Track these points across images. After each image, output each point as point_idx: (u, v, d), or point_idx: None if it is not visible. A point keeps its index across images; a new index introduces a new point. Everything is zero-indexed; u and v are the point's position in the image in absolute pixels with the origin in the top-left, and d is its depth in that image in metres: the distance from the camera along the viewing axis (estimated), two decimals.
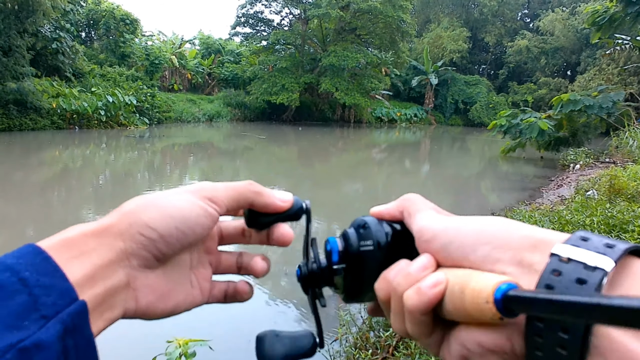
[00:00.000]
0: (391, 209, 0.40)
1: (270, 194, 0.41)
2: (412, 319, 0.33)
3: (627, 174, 6.94)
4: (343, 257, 0.39)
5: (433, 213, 0.37)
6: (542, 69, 40.01)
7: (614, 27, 15.08)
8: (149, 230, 0.33)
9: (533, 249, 0.29)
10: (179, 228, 0.34)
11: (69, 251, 0.30)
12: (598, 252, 0.26)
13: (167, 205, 0.35)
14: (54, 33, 20.61)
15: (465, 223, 0.34)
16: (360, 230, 0.39)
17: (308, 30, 30.92)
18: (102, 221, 0.33)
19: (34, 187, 8.91)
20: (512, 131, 14.45)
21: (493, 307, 0.28)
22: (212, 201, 0.37)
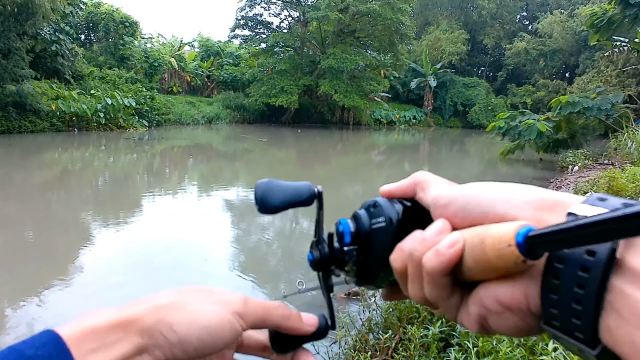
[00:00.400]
0: (403, 185, 0.40)
1: (298, 318, 0.39)
2: (432, 282, 0.32)
3: (625, 176, 6.95)
4: (355, 238, 0.39)
5: (446, 184, 0.37)
6: (541, 71, 40.08)
7: (612, 29, 15.13)
8: (171, 333, 0.32)
9: (551, 209, 0.29)
10: (200, 338, 0.33)
11: (89, 343, 0.30)
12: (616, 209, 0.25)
13: (197, 312, 0.34)
14: (53, 35, 20.63)
15: (483, 185, 0.34)
16: (370, 210, 0.39)
17: (307, 33, 30.97)
18: (129, 310, 0.33)
19: (34, 189, 8.90)
20: (511, 133, 14.48)
21: (515, 250, 0.27)
22: (240, 317, 0.36)
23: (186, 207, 8.01)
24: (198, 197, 9.16)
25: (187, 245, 5.73)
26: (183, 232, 6.29)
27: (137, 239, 6.04)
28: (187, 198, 8.98)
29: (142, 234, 6.23)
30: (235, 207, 8.23)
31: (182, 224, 6.72)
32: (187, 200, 8.70)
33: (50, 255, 5.31)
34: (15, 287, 4.30)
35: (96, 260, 5.09)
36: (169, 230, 6.37)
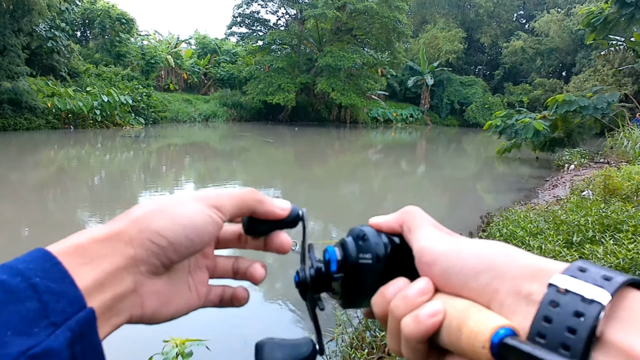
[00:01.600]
0: (390, 221, 0.40)
1: (271, 202, 0.41)
2: (408, 345, 0.33)
3: (621, 174, 6.98)
4: (341, 266, 0.39)
5: (433, 231, 0.37)
6: (538, 70, 40.16)
7: (608, 29, 15.18)
8: (160, 238, 0.33)
9: (532, 278, 0.29)
10: (188, 236, 0.34)
11: (79, 257, 0.30)
12: (595, 285, 0.26)
13: (177, 213, 0.35)
14: (49, 32, 20.53)
15: (466, 247, 0.34)
16: (359, 242, 0.39)
17: (304, 31, 30.93)
18: (111, 226, 0.33)
19: (29, 188, 8.86)
20: (508, 132, 14.50)
21: (488, 353, 0.28)
22: (218, 209, 0.37)
23: None
24: None
25: None
26: None
27: None
28: None
29: None
30: None
31: None
32: None
33: None
34: None
35: None
36: None
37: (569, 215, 4.55)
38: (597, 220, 4.21)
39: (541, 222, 4.51)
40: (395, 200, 9.75)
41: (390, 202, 9.61)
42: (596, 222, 4.18)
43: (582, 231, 4.04)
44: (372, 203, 9.24)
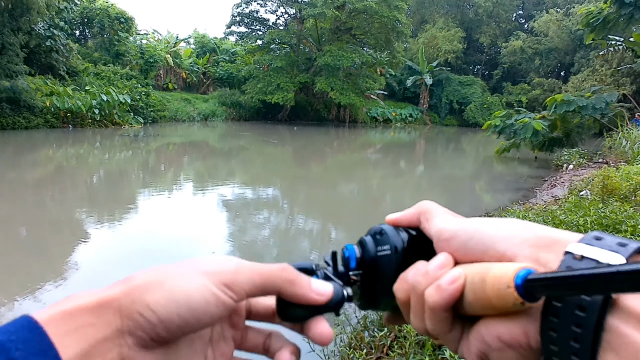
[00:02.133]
0: (408, 215, 0.40)
1: (306, 284, 0.36)
2: (433, 316, 0.33)
3: (619, 174, 6.99)
4: (360, 263, 0.39)
5: (450, 216, 0.38)
6: (536, 70, 40.19)
7: (607, 29, 15.20)
8: (150, 313, 0.30)
9: (549, 248, 0.30)
10: (181, 315, 0.31)
11: (65, 325, 0.28)
12: (611, 250, 0.27)
13: (175, 289, 0.31)
14: (47, 31, 20.48)
15: (484, 221, 0.35)
16: (377, 237, 0.40)
17: (303, 30, 30.91)
18: (105, 292, 0.31)
19: (28, 187, 8.85)
20: (507, 131, 14.52)
21: (514, 292, 0.28)
22: (230, 288, 0.33)
23: (182, 205, 7.99)
24: (194, 194, 9.14)
25: (183, 241, 5.72)
26: (179, 229, 6.27)
27: (132, 236, 6.02)
28: (183, 195, 8.96)
29: (137, 231, 6.21)
30: (231, 204, 8.22)
31: (178, 221, 6.70)
32: (183, 198, 8.68)
33: (45, 252, 5.28)
34: (10, 284, 4.28)
35: (92, 257, 5.07)
36: (164, 228, 6.36)
37: (568, 215, 4.56)
38: (595, 221, 4.22)
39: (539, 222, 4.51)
40: (394, 200, 9.76)
41: (389, 202, 9.61)
42: (595, 222, 4.18)
43: (580, 231, 4.04)
44: (371, 202, 9.24)
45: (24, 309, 3.75)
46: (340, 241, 6.48)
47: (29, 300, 3.90)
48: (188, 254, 5.24)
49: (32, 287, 4.15)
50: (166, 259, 5.06)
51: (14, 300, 3.90)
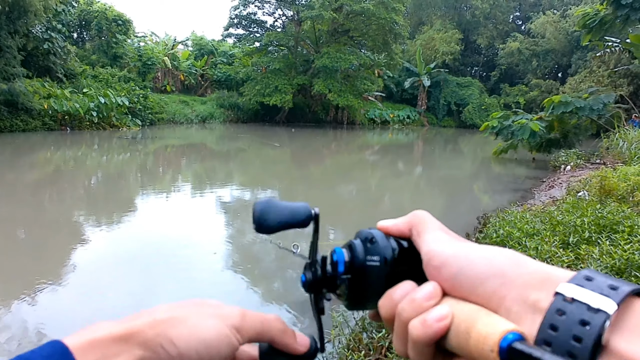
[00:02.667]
0: (399, 225, 0.40)
1: (292, 335, 0.39)
2: (415, 347, 0.33)
3: (617, 175, 7.00)
4: (349, 268, 0.39)
5: (442, 234, 0.37)
6: (534, 71, 40.28)
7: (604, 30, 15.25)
8: (172, 347, 0.33)
9: (539, 286, 0.30)
10: (199, 352, 0.34)
11: (93, 354, 0.30)
12: (602, 294, 0.27)
13: (196, 327, 0.35)
14: (45, 34, 20.46)
15: (475, 252, 0.34)
16: (367, 244, 0.39)
17: (301, 32, 30.93)
18: (131, 323, 0.33)
19: (26, 189, 8.83)
20: (504, 133, 14.54)
21: (497, 357, 0.28)
22: (238, 331, 0.36)
23: (180, 206, 7.98)
24: (192, 195, 9.13)
25: (182, 243, 5.71)
26: (177, 230, 6.26)
27: (131, 238, 6.01)
28: (181, 197, 8.95)
29: (135, 233, 6.20)
30: (230, 206, 8.21)
31: (176, 223, 6.69)
32: (181, 200, 8.67)
33: (43, 254, 5.27)
34: (8, 286, 4.27)
35: (90, 259, 5.06)
36: (163, 229, 6.35)
37: (565, 216, 4.57)
38: (593, 221, 4.22)
39: (538, 223, 4.52)
40: (392, 201, 9.76)
41: (388, 203, 9.62)
42: (592, 223, 4.19)
43: (578, 232, 4.05)
44: (369, 204, 9.24)
45: (22, 310, 3.74)
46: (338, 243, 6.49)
47: (26, 302, 3.89)
48: (187, 256, 5.24)
49: (30, 288, 4.14)
50: (165, 261, 5.05)
51: (13, 301, 3.89)
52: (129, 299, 4.06)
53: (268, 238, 4.15)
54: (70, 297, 4.09)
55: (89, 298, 4.04)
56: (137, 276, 4.62)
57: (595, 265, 3.14)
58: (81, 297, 4.09)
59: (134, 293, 4.20)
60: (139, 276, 4.62)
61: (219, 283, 4.61)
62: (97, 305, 3.88)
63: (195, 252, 5.46)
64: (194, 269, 4.88)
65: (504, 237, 4.17)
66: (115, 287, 4.29)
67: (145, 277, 4.61)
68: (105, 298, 4.03)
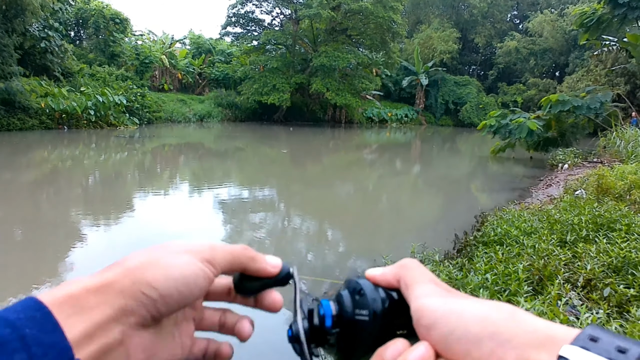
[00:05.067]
0: (387, 275, 0.38)
1: (263, 259, 0.41)
2: None
3: (614, 174, 7.03)
4: (337, 322, 0.38)
5: (431, 287, 0.35)
6: (531, 70, 40.36)
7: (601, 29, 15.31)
8: (152, 290, 0.33)
9: (539, 347, 0.28)
10: (179, 289, 0.34)
11: (70, 307, 0.30)
12: (609, 358, 0.25)
13: (170, 266, 0.35)
14: (42, 32, 20.40)
15: (467, 309, 0.32)
16: (355, 297, 0.38)
17: (299, 31, 30.91)
18: (103, 275, 0.33)
19: (23, 188, 8.81)
20: (502, 131, 14.57)
21: None
22: (211, 263, 0.37)
23: (177, 205, 7.98)
24: (190, 195, 9.12)
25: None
26: (174, 229, 6.26)
27: (128, 236, 6.00)
28: (179, 196, 8.94)
29: (132, 232, 6.20)
30: (228, 205, 8.21)
31: (173, 222, 6.69)
32: (178, 199, 8.66)
33: (41, 253, 5.26)
34: (6, 284, 4.26)
35: (87, 257, 5.05)
36: (160, 228, 6.34)
37: (563, 215, 4.58)
38: (590, 220, 4.24)
39: (535, 222, 4.53)
40: (390, 200, 9.78)
41: (385, 202, 9.63)
42: (589, 221, 4.21)
43: (575, 230, 4.06)
44: (367, 203, 9.25)
45: None
46: (336, 242, 6.49)
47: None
48: None
49: (27, 287, 4.13)
50: None
51: (9, 300, 3.88)
52: None
53: None
54: None
55: None
56: None
57: (592, 263, 3.15)
58: None
59: None
60: None
61: None
62: None
63: None
64: None
65: (502, 235, 4.18)
66: None
67: None
68: None
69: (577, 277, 3.08)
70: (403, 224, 7.46)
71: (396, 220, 7.82)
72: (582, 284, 3.01)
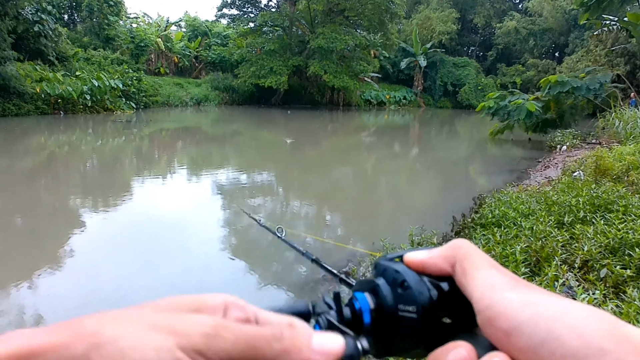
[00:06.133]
0: (437, 259, 0.32)
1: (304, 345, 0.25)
2: None
3: (612, 155, 7.03)
4: (376, 318, 0.32)
5: (497, 276, 0.29)
6: (531, 51, 40.03)
7: (602, 8, 15.11)
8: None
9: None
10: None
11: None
12: None
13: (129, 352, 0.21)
14: (35, 15, 20.09)
15: (559, 314, 0.26)
16: (397, 289, 0.32)
17: (296, 12, 30.52)
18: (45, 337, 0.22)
19: (20, 174, 8.78)
20: (501, 113, 14.52)
21: None
22: (201, 354, 0.23)
23: (176, 190, 7.98)
24: (188, 180, 9.11)
25: (177, 227, 5.71)
26: (173, 214, 6.27)
27: (126, 222, 6.01)
28: (177, 181, 8.93)
29: (131, 218, 6.20)
30: (226, 190, 8.21)
31: (172, 207, 6.69)
32: (177, 184, 8.65)
33: (40, 240, 5.27)
34: (6, 272, 4.28)
35: (86, 242, 5.07)
36: (158, 213, 6.35)
37: (561, 196, 4.59)
38: (588, 201, 4.25)
39: (533, 203, 4.55)
40: (389, 183, 9.78)
41: (383, 185, 9.64)
42: (587, 203, 4.22)
43: (573, 211, 4.08)
44: (364, 186, 9.26)
45: (21, 296, 3.75)
46: (334, 225, 6.51)
47: (25, 286, 3.90)
48: (182, 238, 5.25)
49: (26, 273, 4.15)
50: (160, 244, 5.06)
51: (11, 286, 3.90)
52: (124, 282, 4.08)
53: (246, 211, 4.13)
54: (67, 281, 4.10)
55: (86, 281, 4.06)
56: (133, 259, 4.64)
57: (589, 244, 3.17)
58: (78, 280, 4.10)
59: (129, 276, 4.22)
60: (135, 259, 4.64)
61: (214, 264, 4.63)
62: (94, 287, 3.90)
63: (191, 234, 5.47)
64: (189, 252, 4.89)
65: (500, 217, 4.20)
66: (111, 270, 4.30)
67: (140, 260, 4.62)
68: (101, 280, 4.05)
69: (574, 259, 3.10)
70: (401, 207, 7.48)
71: (394, 203, 7.84)
72: (579, 265, 3.03)
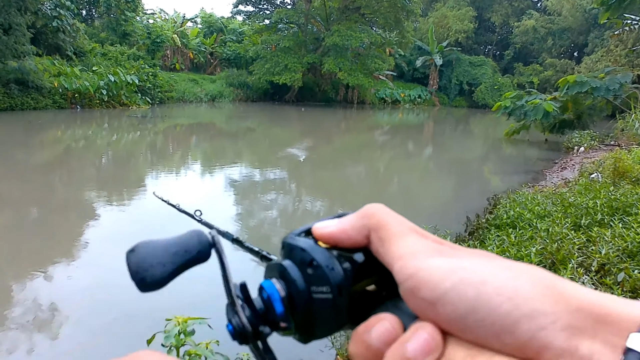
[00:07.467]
0: (349, 230, 0.28)
1: None
2: None
3: (632, 157, 6.88)
4: (289, 305, 0.28)
5: (419, 241, 0.26)
6: (549, 50, 39.42)
7: (623, 7, 14.77)
8: None
9: (592, 331, 0.21)
10: None
11: None
12: None
13: None
14: (54, 11, 20.36)
15: (487, 276, 0.23)
16: (307, 270, 0.28)
17: (311, 9, 30.44)
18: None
19: (36, 167, 8.91)
20: (517, 113, 14.32)
21: None
22: None
23: (190, 185, 8.02)
24: (202, 174, 9.15)
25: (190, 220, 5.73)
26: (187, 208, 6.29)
27: (140, 215, 6.06)
28: (191, 176, 8.98)
29: (144, 211, 6.25)
30: (238, 184, 8.23)
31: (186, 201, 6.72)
32: (191, 178, 8.70)
33: (55, 232, 5.34)
34: (22, 263, 4.34)
35: (100, 236, 5.11)
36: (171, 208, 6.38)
37: (577, 198, 4.50)
38: (605, 203, 4.16)
39: (549, 205, 4.46)
40: (401, 182, 9.72)
41: (396, 184, 9.58)
42: (605, 205, 4.13)
43: (590, 214, 3.99)
44: (377, 184, 9.21)
45: (35, 286, 3.80)
46: None
47: (40, 277, 3.95)
48: None
49: (42, 265, 4.20)
50: None
51: (26, 277, 3.95)
52: None
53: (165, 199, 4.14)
54: (81, 273, 4.14)
55: (101, 273, 4.09)
56: None
57: (606, 247, 3.09)
58: (92, 273, 4.14)
59: None
60: None
61: None
62: (106, 280, 3.93)
63: None
64: None
65: (515, 218, 4.13)
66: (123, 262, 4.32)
67: None
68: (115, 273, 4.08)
69: (591, 262, 3.03)
70: (414, 206, 7.42)
71: (407, 201, 7.78)
72: (596, 269, 2.96)
